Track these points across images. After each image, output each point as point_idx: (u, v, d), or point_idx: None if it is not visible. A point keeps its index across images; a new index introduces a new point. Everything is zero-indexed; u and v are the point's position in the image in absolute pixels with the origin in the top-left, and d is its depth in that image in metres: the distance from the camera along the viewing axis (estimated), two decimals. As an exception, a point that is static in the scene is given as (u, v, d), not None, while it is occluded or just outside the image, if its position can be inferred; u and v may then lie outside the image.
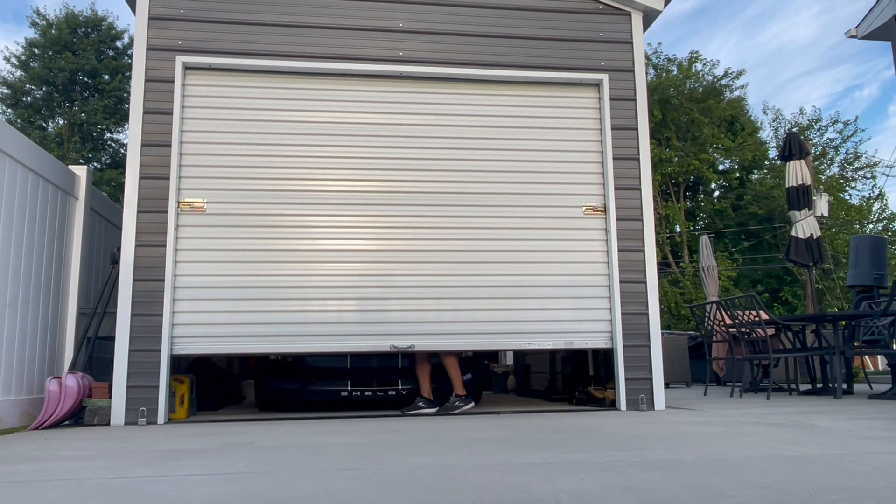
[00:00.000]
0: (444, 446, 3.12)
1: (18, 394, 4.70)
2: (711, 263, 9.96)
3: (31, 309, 4.88)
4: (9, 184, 4.61)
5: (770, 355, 6.47)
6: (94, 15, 27.08)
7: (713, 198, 31.21)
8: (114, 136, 27.79)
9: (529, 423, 4.19)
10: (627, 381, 5.17)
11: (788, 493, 1.93)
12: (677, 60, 30.08)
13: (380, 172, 5.24)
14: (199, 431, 4.03)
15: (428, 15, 5.47)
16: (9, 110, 26.16)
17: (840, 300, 23.83)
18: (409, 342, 5.00)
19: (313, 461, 2.71)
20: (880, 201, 28.22)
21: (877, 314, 6.44)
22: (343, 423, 4.41)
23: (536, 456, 2.74)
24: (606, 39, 5.63)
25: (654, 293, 5.30)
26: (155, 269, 4.81)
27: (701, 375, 10.06)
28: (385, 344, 4.99)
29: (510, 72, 5.46)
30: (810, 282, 9.84)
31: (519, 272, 5.25)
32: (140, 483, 2.28)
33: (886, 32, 9.44)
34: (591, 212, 5.38)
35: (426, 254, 5.18)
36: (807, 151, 8.46)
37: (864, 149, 42.06)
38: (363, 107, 5.33)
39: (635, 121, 5.53)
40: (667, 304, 24.42)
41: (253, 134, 5.17)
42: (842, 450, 2.81)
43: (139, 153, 4.93)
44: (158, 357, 4.71)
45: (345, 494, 2.03)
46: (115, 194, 21.65)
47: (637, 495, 1.93)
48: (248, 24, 5.23)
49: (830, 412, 4.64)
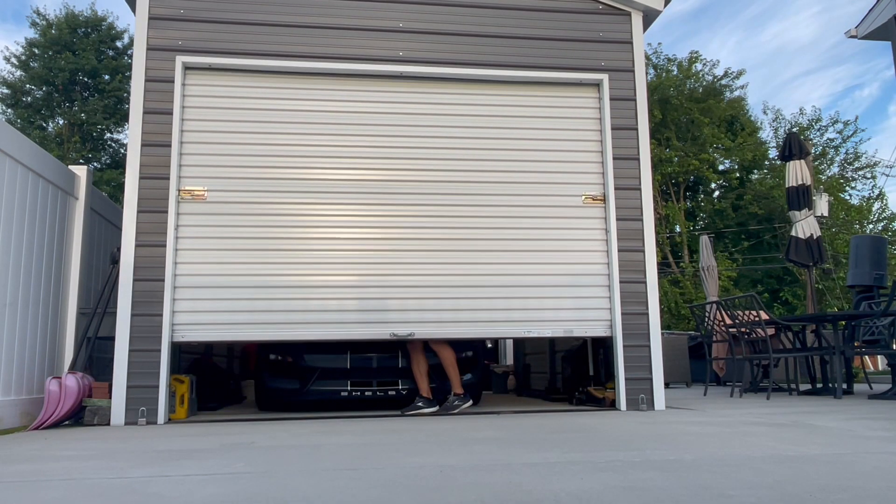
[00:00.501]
0: (444, 446, 3.12)
1: (18, 394, 4.70)
2: (711, 263, 9.96)
3: (31, 309, 4.88)
4: (9, 184, 4.61)
5: (770, 355, 6.48)
6: (94, 15, 27.08)
7: (713, 198, 31.20)
8: (114, 136, 27.81)
9: (529, 423, 4.19)
10: (627, 381, 5.17)
11: (788, 493, 1.93)
12: (677, 60, 30.08)
13: (381, 163, 5.27)
14: (199, 431, 4.03)
15: (428, 15, 5.47)
16: (9, 110, 26.16)
17: (840, 300, 23.83)
18: (409, 330, 5.01)
19: (313, 461, 2.71)
20: (880, 201, 28.22)
21: (877, 314, 6.44)
22: (343, 423, 4.41)
23: (536, 456, 2.74)
24: (606, 39, 5.63)
25: (654, 293, 5.30)
26: (155, 269, 4.81)
27: (701, 375, 10.06)
28: (385, 332, 5.01)
29: (510, 72, 5.46)
30: (810, 282, 9.83)
31: (518, 261, 5.28)
32: (140, 483, 2.28)
33: (886, 32, 9.44)
34: (591, 201, 5.40)
35: (426, 242, 5.21)
36: (807, 151, 8.46)
37: (864, 149, 42.06)
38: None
39: (635, 121, 5.53)
40: (667, 304, 24.42)
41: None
42: (842, 450, 2.81)
43: (139, 153, 4.93)
44: (158, 357, 4.71)
45: (345, 494, 2.03)
46: (115, 194, 21.64)
47: (637, 495, 1.93)
48: (248, 24, 5.23)
49: (830, 412, 4.64)
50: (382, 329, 5.03)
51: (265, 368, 5.59)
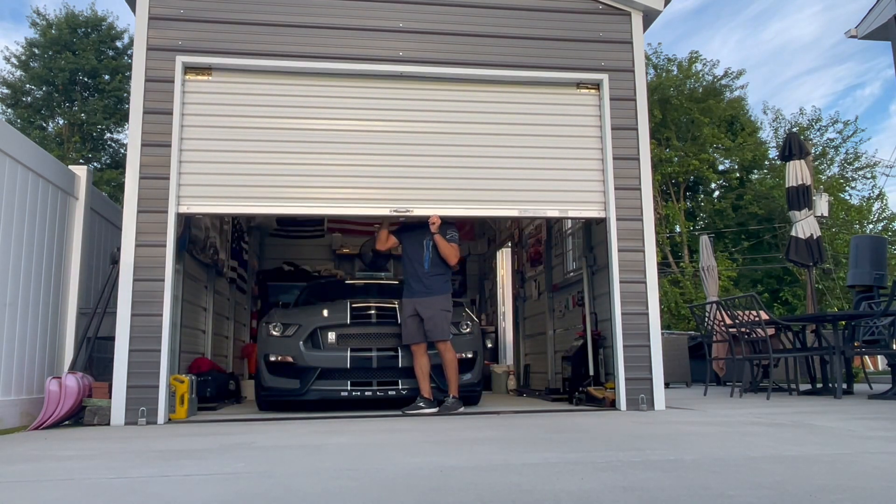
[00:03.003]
0: (444, 446, 3.12)
1: (18, 394, 4.70)
2: (711, 263, 9.96)
3: (31, 309, 4.88)
4: (9, 184, 4.61)
5: (770, 355, 6.47)
6: (94, 15, 27.05)
7: (713, 198, 31.18)
8: (114, 136, 27.77)
9: (529, 423, 4.19)
10: (627, 381, 5.16)
11: (788, 493, 1.93)
12: (677, 60, 30.06)
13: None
14: (199, 431, 4.03)
15: (428, 15, 5.47)
16: (9, 110, 26.14)
17: (840, 300, 23.81)
18: (407, 206, 5.22)
19: (313, 461, 2.71)
20: (880, 201, 28.17)
21: (877, 314, 6.44)
22: (343, 423, 4.41)
23: (536, 456, 2.74)
24: (606, 39, 5.63)
25: (654, 293, 5.30)
26: (155, 269, 4.81)
27: (701, 375, 10.06)
28: (385, 208, 5.21)
29: (510, 72, 5.46)
30: (810, 282, 9.84)
31: (514, 144, 5.43)
32: (140, 483, 2.28)
33: (886, 32, 9.43)
34: (586, 89, 5.58)
35: (425, 125, 5.41)
36: (807, 151, 8.45)
37: (864, 149, 42.05)
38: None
39: (635, 121, 5.53)
40: (667, 304, 24.40)
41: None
42: (842, 450, 2.81)
43: (139, 153, 4.93)
44: (158, 357, 4.71)
45: (345, 494, 2.03)
46: (115, 194, 21.61)
47: (637, 495, 1.93)
48: (248, 24, 5.23)
49: (830, 412, 4.64)
50: (383, 206, 5.22)
51: (265, 368, 5.58)
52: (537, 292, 8.53)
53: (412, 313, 5.31)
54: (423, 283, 5.32)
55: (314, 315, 5.74)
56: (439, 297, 5.30)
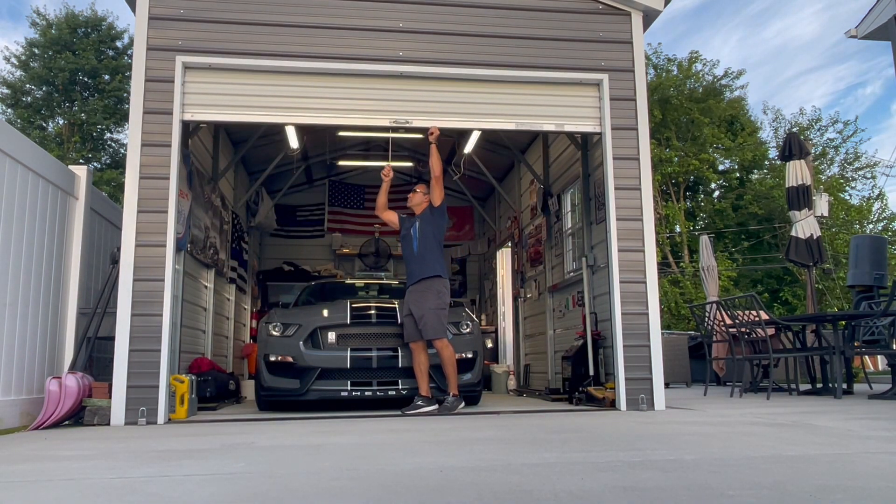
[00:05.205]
0: (444, 446, 3.12)
1: (18, 394, 4.69)
2: (711, 263, 9.96)
3: (31, 309, 4.88)
4: (9, 184, 4.61)
5: (770, 355, 6.47)
6: (94, 15, 27.04)
7: (713, 198, 31.17)
8: (114, 136, 27.76)
9: (529, 423, 4.19)
10: (627, 381, 5.16)
11: (788, 493, 1.93)
12: (677, 60, 30.06)
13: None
14: (199, 431, 4.03)
15: (428, 15, 5.47)
16: (9, 110, 26.12)
17: (840, 300, 23.81)
18: (406, 118, 5.35)
19: (313, 461, 2.71)
20: (880, 201, 28.15)
21: (877, 314, 6.44)
22: (343, 423, 4.41)
23: (536, 456, 2.74)
24: (606, 39, 5.63)
25: (654, 293, 5.30)
26: (155, 269, 4.81)
27: (701, 375, 10.06)
28: (385, 119, 5.35)
29: (510, 72, 5.46)
30: (810, 282, 9.82)
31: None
32: (140, 483, 2.28)
33: (886, 32, 9.43)
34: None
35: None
36: (807, 151, 8.45)
37: (864, 148, 42.07)
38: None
39: (635, 121, 5.53)
40: (667, 304, 24.40)
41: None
42: (842, 450, 2.81)
43: (139, 153, 4.93)
44: (158, 357, 4.70)
45: (345, 494, 2.03)
46: (115, 194, 21.62)
47: (637, 495, 1.93)
48: (248, 24, 5.23)
49: (830, 412, 4.64)
50: (383, 117, 5.35)
51: (265, 368, 5.58)
52: (537, 292, 8.54)
53: (408, 312, 5.34)
54: (415, 262, 5.47)
55: (314, 315, 5.74)
56: (433, 280, 5.33)
